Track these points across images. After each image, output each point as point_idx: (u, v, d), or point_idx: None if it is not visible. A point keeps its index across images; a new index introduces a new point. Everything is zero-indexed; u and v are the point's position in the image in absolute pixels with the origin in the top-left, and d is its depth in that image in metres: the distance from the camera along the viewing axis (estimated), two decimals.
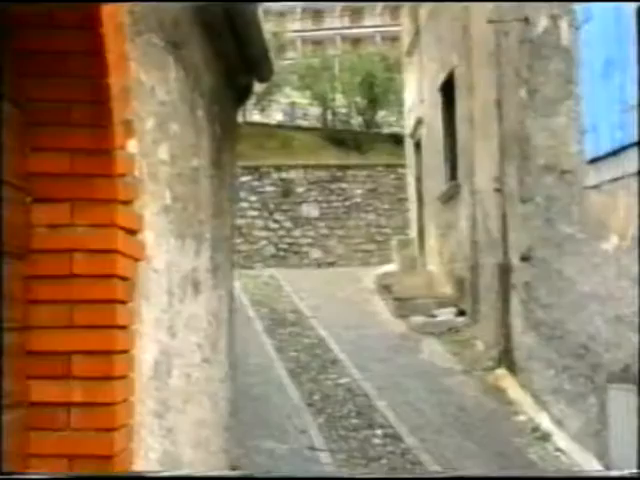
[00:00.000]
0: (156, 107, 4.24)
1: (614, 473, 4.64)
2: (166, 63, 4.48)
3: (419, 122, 18.35)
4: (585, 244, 8.22)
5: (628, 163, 7.35)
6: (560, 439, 8.69)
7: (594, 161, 7.96)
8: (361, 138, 30.05)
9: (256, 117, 31.69)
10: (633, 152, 7.25)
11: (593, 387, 8.11)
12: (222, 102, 6.57)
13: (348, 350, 12.42)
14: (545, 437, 8.85)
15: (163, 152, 4.38)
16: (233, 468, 7.33)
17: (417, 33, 18.41)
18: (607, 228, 7.75)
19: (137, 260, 3.74)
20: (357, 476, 3.38)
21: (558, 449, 8.55)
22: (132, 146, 3.68)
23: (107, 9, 3.21)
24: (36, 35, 3.24)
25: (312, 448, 8.60)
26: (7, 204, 3.16)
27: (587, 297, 8.19)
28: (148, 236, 3.96)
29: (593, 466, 7.93)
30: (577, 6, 8.23)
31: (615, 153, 7.55)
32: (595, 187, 7.99)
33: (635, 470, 5.41)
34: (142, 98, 3.92)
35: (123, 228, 3.49)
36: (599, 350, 7.98)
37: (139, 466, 3.78)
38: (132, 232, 3.64)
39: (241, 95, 7.82)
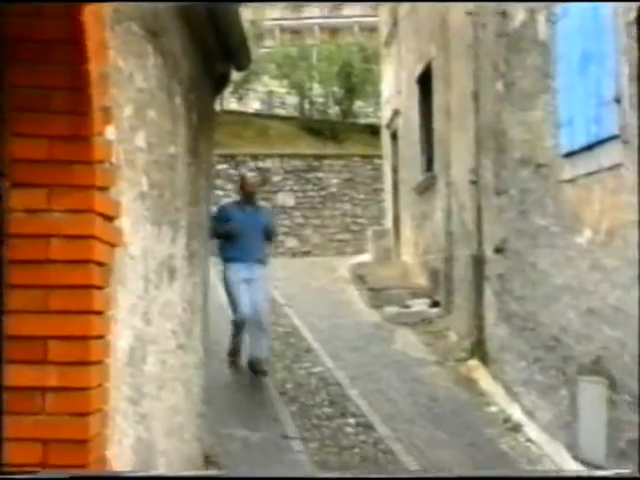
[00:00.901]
0: (134, 94, 4.25)
1: (615, 473, 4.69)
2: (145, 51, 4.48)
3: (396, 113, 18.38)
4: (559, 237, 8.28)
5: (603, 157, 7.41)
6: (531, 430, 8.76)
7: (569, 155, 8.02)
8: (338, 128, 30.05)
9: (233, 105, 31.60)
10: (608, 146, 7.31)
11: (564, 379, 8.18)
12: (199, 90, 6.58)
13: (322, 339, 12.45)
14: (516, 428, 8.92)
15: (140, 139, 4.39)
16: (206, 456, 7.35)
17: (395, 24, 18.42)
18: (581, 222, 7.81)
19: (114, 246, 3.75)
20: (357, 476, 3.31)
21: (529, 440, 8.62)
22: (110, 133, 3.69)
23: None
24: (17, 22, 3.24)
25: (285, 436, 8.62)
26: None
27: (560, 290, 8.26)
28: (125, 222, 3.98)
29: (563, 457, 8.01)
30: None
31: (590, 147, 7.60)
32: (570, 181, 8.05)
33: (628, 470, 5.47)
34: (120, 85, 3.93)
35: (100, 214, 3.50)
36: (570, 342, 8.05)
37: (113, 452, 3.80)
38: (109, 218, 3.66)
39: (218, 83, 7.82)
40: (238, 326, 10.40)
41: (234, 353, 10.55)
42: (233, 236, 10.40)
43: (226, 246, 10.53)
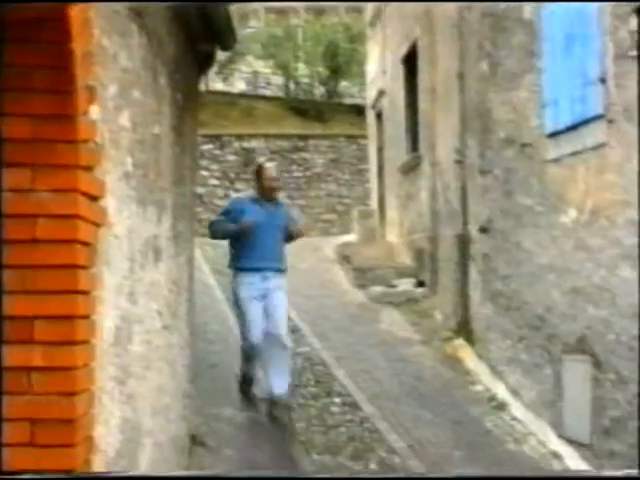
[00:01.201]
0: (118, 73, 4.23)
1: (615, 473, 4.73)
2: (129, 30, 4.46)
3: (381, 93, 18.35)
4: (544, 217, 8.31)
5: (588, 137, 7.43)
6: (516, 408, 8.81)
7: (554, 135, 8.04)
8: (323, 108, 30.00)
9: (218, 86, 31.46)
10: (593, 126, 7.33)
11: (549, 358, 8.23)
12: (184, 70, 6.56)
13: (307, 319, 12.47)
14: (501, 406, 8.97)
15: (125, 118, 4.37)
16: (193, 436, 7.36)
17: (380, 4, 18.37)
18: (566, 201, 7.84)
19: (99, 226, 3.75)
20: (356, 476, 3.27)
21: (514, 418, 8.67)
22: (94, 112, 3.67)
23: None
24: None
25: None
26: None
27: (544, 269, 8.30)
28: (109, 202, 3.97)
29: (547, 435, 8.06)
30: None
31: (575, 127, 7.63)
32: (555, 160, 8.07)
33: (633, 470, 5.51)
34: (105, 64, 3.91)
35: (85, 194, 3.49)
36: (555, 321, 8.09)
37: (99, 432, 3.81)
38: (94, 198, 3.65)
39: (203, 63, 7.79)
40: (248, 356, 8.62)
41: (246, 383, 8.83)
42: (246, 236, 8.47)
43: (237, 251, 8.64)
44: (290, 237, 8.88)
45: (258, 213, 8.55)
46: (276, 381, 8.39)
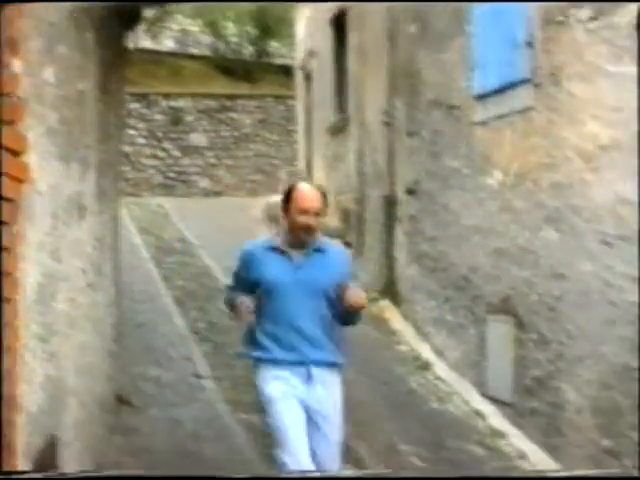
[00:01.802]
0: (43, 27, 4.15)
1: (615, 473, 4.81)
2: None
3: (310, 54, 18.27)
4: (470, 179, 8.38)
5: (514, 100, 7.49)
6: (440, 368, 8.91)
7: (482, 97, 8.09)
8: (252, 68, 29.78)
9: (147, 44, 31.02)
10: (520, 89, 7.39)
11: (473, 318, 8.33)
12: (111, 26, 6.45)
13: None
14: (426, 366, 9.07)
15: (49, 73, 4.29)
16: (118, 396, 7.33)
17: None
18: (492, 164, 7.91)
19: (21, 182, 3.68)
20: (355, 475, 3.10)
21: (438, 378, 8.78)
22: (16, 65, 3.60)
23: None
24: None
25: (197, 375, 8.64)
26: None
27: (470, 230, 8.37)
28: (32, 158, 3.90)
29: (471, 394, 8.18)
30: None
31: (502, 90, 7.68)
32: (482, 123, 8.13)
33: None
34: (29, 18, 3.83)
35: (7, 149, 3.43)
36: (480, 282, 8.19)
37: (23, 390, 3.77)
38: (16, 153, 3.58)
39: (130, 20, 7.67)
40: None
41: None
42: (268, 309, 5.07)
43: (255, 330, 5.18)
44: (346, 314, 5.19)
45: (284, 269, 5.08)
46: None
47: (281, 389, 5.02)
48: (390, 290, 10.84)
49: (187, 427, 7.32)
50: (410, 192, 10.04)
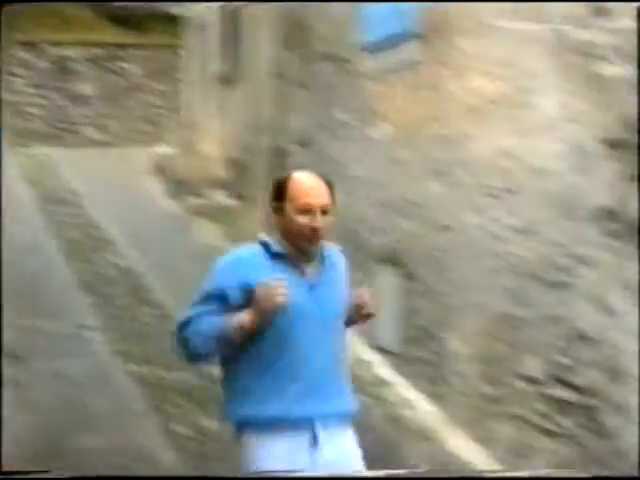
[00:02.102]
0: None
1: (615, 474, 4.91)
2: None
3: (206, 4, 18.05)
4: (358, 131, 8.43)
5: (403, 54, 7.55)
6: None
7: (371, 50, 8.12)
8: (143, 17, 29.29)
9: None
10: (408, 43, 7.45)
11: (361, 270, 8.43)
12: None
13: (122, 230, 12.30)
14: None
15: None
16: (5, 349, 7.24)
17: None
18: (380, 116, 7.97)
19: None
20: (355, 475, 2.86)
21: None
22: None
23: None
24: None
25: (85, 327, 8.57)
26: None
27: (358, 182, 8.43)
28: None
29: (359, 344, 8.30)
30: None
31: (391, 44, 7.72)
32: (371, 76, 8.18)
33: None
34: None
35: None
36: (367, 235, 8.27)
37: None
38: None
39: None
40: None
41: None
42: (265, 342, 3.64)
43: (244, 375, 3.69)
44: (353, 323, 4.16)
45: (296, 287, 3.64)
46: None
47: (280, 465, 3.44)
48: None
49: (74, 379, 7.27)
50: (300, 144, 10.06)
